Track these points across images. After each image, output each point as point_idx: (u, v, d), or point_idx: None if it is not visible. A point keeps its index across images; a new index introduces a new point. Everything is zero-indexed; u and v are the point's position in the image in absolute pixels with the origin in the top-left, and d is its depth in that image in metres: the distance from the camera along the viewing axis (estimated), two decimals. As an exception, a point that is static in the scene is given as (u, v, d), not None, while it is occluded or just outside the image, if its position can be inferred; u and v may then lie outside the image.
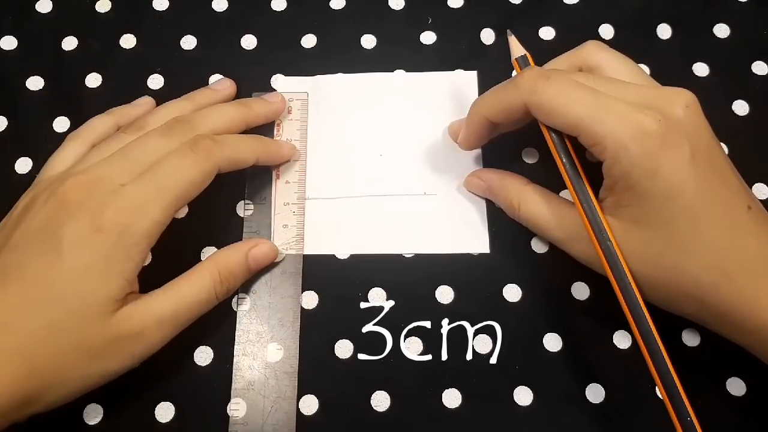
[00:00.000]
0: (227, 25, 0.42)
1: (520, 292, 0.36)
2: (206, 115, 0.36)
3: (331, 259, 0.37)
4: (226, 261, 0.34)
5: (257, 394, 0.34)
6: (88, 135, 0.37)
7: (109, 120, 0.38)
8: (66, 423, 0.33)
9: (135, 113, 0.38)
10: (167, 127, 0.34)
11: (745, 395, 0.34)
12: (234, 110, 0.37)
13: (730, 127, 0.39)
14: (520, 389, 0.34)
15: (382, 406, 0.34)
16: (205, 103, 0.38)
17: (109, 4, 0.43)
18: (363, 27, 0.42)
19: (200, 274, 0.34)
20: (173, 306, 0.32)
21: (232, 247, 0.35)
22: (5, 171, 0.39)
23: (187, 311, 0.33)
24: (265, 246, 0.36)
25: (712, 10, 0.42)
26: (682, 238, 0.30)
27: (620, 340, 0.35)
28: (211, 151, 0.34)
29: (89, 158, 0.34)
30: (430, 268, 0.36)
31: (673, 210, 0.30)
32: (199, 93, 0.39)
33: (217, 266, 0.34)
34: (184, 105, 0.38)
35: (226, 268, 0.34)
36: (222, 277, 0.34)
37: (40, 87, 0.41)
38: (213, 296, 0.34)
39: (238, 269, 0.35)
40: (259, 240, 0.36)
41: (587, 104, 0.31)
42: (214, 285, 0.34)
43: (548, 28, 0.42)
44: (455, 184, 0.38)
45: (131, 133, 0.35)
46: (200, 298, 0.33)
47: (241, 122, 0.37)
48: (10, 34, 0.42)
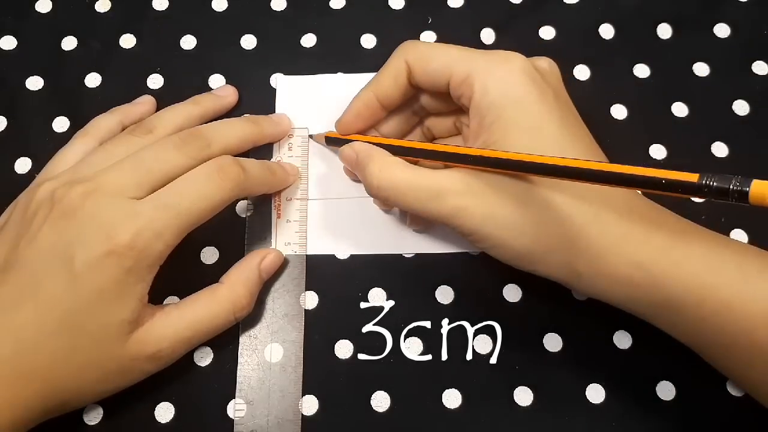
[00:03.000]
0: (227, 25, 0.42)
1: (520, 292, 0.36)
2: (220, 132, 0.35)
3: (331, 259, 0.37)
4: (243, 282, 0.34)
5: (261, 394, 0.34)
6: (95, 132, 0.37)
7: (113, 118, 0.37)
8: (66, 423, 0.33)
9: (138, 112, 0.38)
10: (181, 140, 0.34)
11: (744, 395, 0.34)
12: (246, 129, 0.37)
13: (730, 127, 0.39)
14: (520, 389, 0.34)
15: (382, 406, 0.34)
16: (210, 108, 0.38)
17: (109, 4, 0.43)
18: (363, 27, 0.42)
19: (219, 302, 0.33)
20: (190, 332, 0.32)
21: (244, 266, 0.35)
22: (5, 171, 0.39)
23: (203, 335, 0.33)
24: (272, 255, 0.35)
25: (712, 10, 0.42)
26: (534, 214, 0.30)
27: (620, 340, 0.35)
28: (239, 180, 0.33)
29: (95, 159, 0.34)
30: (430, 268, 0.36)
31: (540, 141, 0.30)
32: (203, 98, 0.39)
33: (234, 290, 0.34)
34: (189, 109, 0.38)
35: (245, 289, 0.34)
36: (238, 299, 0.34)
37: (40, 87, 0.41)
38: (232, 320, 0.34)
39: (254, 287, 0.34)
40: (266, 251, 0.36)
41: (458, 51, 0.33)
42: (234, 310, 0.33)
43: (548, 28, 0.42)
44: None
45: (139, 135, 0.35)
46: (218, 323, 0.33)
47: (252, 142, 0.37)
48: (10, 34, 0.42)
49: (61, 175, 0.33)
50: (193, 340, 0.33)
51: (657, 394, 0.34)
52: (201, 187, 0.32)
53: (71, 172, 0.33)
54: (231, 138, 0.35)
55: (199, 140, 0.34)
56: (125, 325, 0.31)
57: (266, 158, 0.38)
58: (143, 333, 0.31)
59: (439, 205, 0.31)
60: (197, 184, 0.32)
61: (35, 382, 0.29)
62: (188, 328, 0.32)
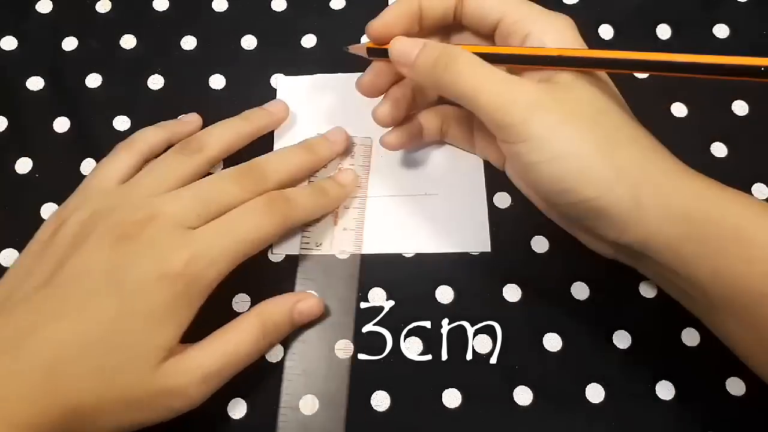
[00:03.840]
0: (227, 25, 0.42)
1: (520, 292, 0.36)
2: (276, 165, 0.36)
3: (331, 259, 0.37)
4: (272, 314, 0.33)
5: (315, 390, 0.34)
6: (141, 146, 0.36)
7: (161, 134, 0.37)
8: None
9: (186, 131, 0.38)
10: (239, 174, 0.34)
11: (745, 395, 0.34)
12: (303, 157, 0.37)
13: (730, 127, 0.39)
14: (520, 389, 0.34)
15: (382, 406, 0.34)
16: (261, 125, 0.38)
17: (109, 4, 0.43)
18: (363, 27, 0.42)
19: (246, 329, 0.33)
20: (220, 363, 0.31)
21: (277, 300, 0.34)
22: (5, 171, 0.39)
23: (233, 367, 0.32)
24: (311, 300, 0.34)
25: (712, 10, 0.42)
26: (619, 102, 0.32)
27: (621, 341, 0.35)
28: (287, 214, 0.34)
29: (148, 181, 0.34)
30: (430, 268, 0.36)
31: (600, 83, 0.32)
32: (253, 113, 0.39)
33: (263, 320, 0.33)
34: (239, 125, 0.38)
35: (272, 322, 0.33)
36: (266, 331, 0.33)
37: (40, 87, 0.41)
38: (257, 351, 0.33)
39: (283, 325, 0.34)
40: (305, 294, 0.35)
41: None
42: (257, 340, 0.33)
43: (548, 28, 0.42)
44: (455, 184, 0.38)
45: (188, 154, 0.35)
46: (247, 352, 0.32)
47: (309, 171, 0.37)
48: (10, 34, 0.42)
49: (112, 195, 0.34)
50: (224, 373, 0.32)
51: (657, 394, 0.34)
52: (254, 219, 0.33)
53: (125, 194, 0.34)
54: (287, 170, 0.36)
55: (257, 174, 0.35)
56: (161, 351, 0.30)
57: None
58: (173, 364, 0.30)
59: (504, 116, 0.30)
60: (250, 216, 0.33)
61: (61, 403, 0.29)
62: (218, 358, 0.31)
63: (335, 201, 0.37)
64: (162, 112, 0.40)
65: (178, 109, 0.40)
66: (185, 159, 0.35)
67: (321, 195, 0.36)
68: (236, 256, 0.32)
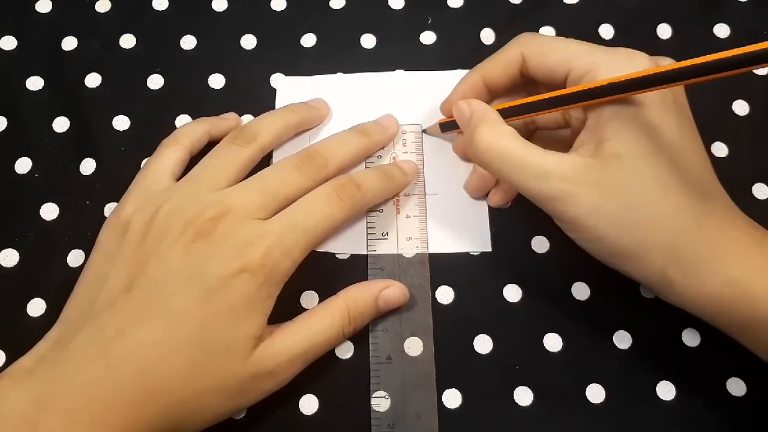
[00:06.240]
0: (227, 25, 0.42)
1: (520, 292, 0.36)
2: (335, 150, 0.36)
3: (331, 258, 0.37)
4: (357, 300, 0.34)
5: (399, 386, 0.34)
6: (185, 141, 0.37)
7: (202, 127, 0.38)
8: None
9: (226, 125, 0.38)
10: (301, 163, 0.35)
11: (745, 395, 0.34)
12: (358, 142, 0.37)
13: (730, 127, 0.39)
14: (520, 389, 0.34)
15: (382, 406, 0.34)
16: (306, 117, 0.39)
17: (109, 4, 0.43)
18: (363, 27, 0.42)
19: (331, 313, 0.33)
20: (305, 344, 0.32)
21: (364, 286, 0.35)
22: (5, 171, 0.39)
23: (317, 349, 0.33)
24: (396, 288, 0.35)
25: (712, 10, 0.42)
26: (662, 174, 0.30)
27: (620, 340, 0.35)
28: (356, 200, 0.34)
29: (205, 174, 0.34)
30: (430, 268, 0.36)
31: (656, 143, 0.30)
32: (298, 107, 0.39)
33: (347, 305, 0.34)
34: (287, 116, 0.38)
35: (356, 308, 0.34)
36: (351, 317, 0.34)
37: (40, 87, 0.41)
38: (341, 335, 0.34)
39: (367, 310, 0.34)
40: (391, 282, 0.35)
41: (578, 45, 0.33)
42: (342, 324, 0.33)
43: (548, 28, 0.42)
44: (455, 184, 0.38)
45: (242, 145, 0.36)
46: (330, 336, 0.33)
47: (365, 154, 0.38)
48: (10, 34, 0.42)
49: (173, 192, 0.34)
50: (309, 355, 0.33)
51: (657, 394, 0.34)
52: (323, 207, 0.33)
53: (187, 191, 0.34)
54: (346, 155, 0.36)
55: (318, 160, 0.35)
56: (251, 340, 0.31)
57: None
58: (263, 349, 0.31)
59: (545, 185, 0.30)
60: (319, 204, 0.33)
61: (156, 402, 0.29)
62: (303, 340, 0.32)
63: (400, 185, 0.37)
64: (162, 112, 0.40)
65: (178, 109, 0.40)
66: (240, 150, 0.35)
67: (388, 178, 0.37)
68: (309, 245, 0.33)
